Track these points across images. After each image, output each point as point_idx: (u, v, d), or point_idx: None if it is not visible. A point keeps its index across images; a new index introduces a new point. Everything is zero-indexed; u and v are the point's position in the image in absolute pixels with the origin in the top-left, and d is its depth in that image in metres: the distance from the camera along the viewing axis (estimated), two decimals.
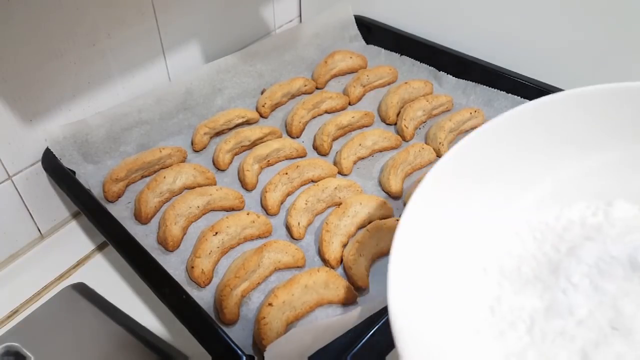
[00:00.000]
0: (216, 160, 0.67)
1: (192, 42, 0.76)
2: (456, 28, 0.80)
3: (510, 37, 0.74)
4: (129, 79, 0.69)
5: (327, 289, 0.50)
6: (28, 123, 0.59)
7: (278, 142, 0.68)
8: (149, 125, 0.68)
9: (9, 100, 0.56)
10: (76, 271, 0.62)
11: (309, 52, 0.85)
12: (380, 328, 0.41)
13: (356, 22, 0.89)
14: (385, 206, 0.59)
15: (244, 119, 0.72)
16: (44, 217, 0.65)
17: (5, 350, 0.46)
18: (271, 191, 0.62)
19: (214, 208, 0.61)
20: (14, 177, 0.60)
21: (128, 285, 0.59)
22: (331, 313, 0.51)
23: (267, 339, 0.46)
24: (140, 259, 0.50)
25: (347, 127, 0.73)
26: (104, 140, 0.64)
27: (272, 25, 0.91)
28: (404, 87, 0.77)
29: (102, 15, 0.61)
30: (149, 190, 0.60)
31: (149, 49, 0.70)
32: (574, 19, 0.67)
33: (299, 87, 0.79)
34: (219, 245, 0.55)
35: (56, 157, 0.60)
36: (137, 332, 0.50)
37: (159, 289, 0.48)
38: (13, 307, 0.57)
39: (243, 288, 0.52)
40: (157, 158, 0.64)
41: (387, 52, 0.87)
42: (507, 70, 0.74)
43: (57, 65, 0.59)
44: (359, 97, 0.80)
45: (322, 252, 0.55)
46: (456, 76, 0.80)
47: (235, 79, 0.77)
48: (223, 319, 0.49)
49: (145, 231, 0.59)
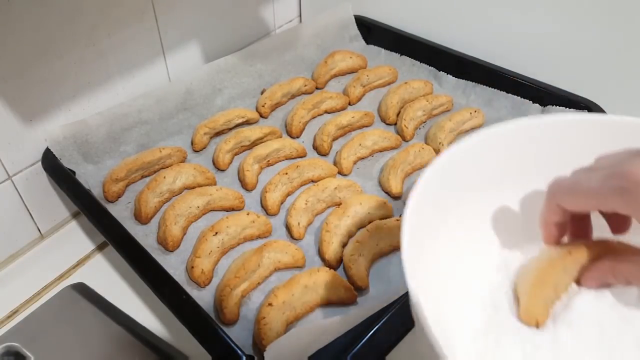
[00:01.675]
0: (216, 160, 0.67)
1: (192, 42, 0.76)
2: (456, 28, 0.80)
3: (510, 37, 0.74)
4: (129, 79, 0.69)
5: (327, 289, 0.50)
6: (28, 123, 0.59)
7: (278, 142, 0.68)
8: (149, 125, 0.68)
9: (9, 100, 0.56)
10: (76, 271, 0.62)
11: (309, 52, 0.85)
12: (380, 328, 0.41)
13: (356, 22, 0.89)
14: (385, 206, 0.59)
15: (244, 119, 0.72)
16: (44, 217, 0.65)
17: (5, 350, 0.46)
18: (271, 191, 0.62)
19: (214, 208, 0.61)
20: (14, 177, 0.60)
21: (128, 285, 0.59)
22: (331, 313, 0.51)
23: (267, 339, 0.46)
24: (140, 259, 0.50)
25: (347, 127, 0.73)
26: (104, 140, 0.64)
27: (272, 25, 0.91)
28: (404, 87, 0.77)
29: (102, 15, 0.61)
30: (149, 190, 0.60)
31: (149, 49, 0.70)
32: (574, 18, 0.67)
33: (299, 87, 0.79)
34: (219, 245, 0.55)
35: (56, 157, 0.60)
36: (137, 332, 0.50)
37: (159, 289, 0.48)
38: (13, 307, 0.57)
39: (243, 288, 0.52)
40: (157, 158, 0.64)
41: (387, 52, 0.87)
42: (507, 70, 0.74)
43: (57, 65, 0.59)
44: (359, 97, 0.80)
45: (322, 252, 0.55)
46: (456, 76, 0.80)
47: (235, 79, 0.77)
48: (223, 319, 0.49)
49: (145, 231, 0.59)
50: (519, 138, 0.35)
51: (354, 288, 0.52)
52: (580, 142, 0.35)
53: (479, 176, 0.35)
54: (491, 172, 0.35)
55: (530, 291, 0.32)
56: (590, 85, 0.68)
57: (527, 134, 0.36)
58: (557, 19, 0.69)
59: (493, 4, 0.74)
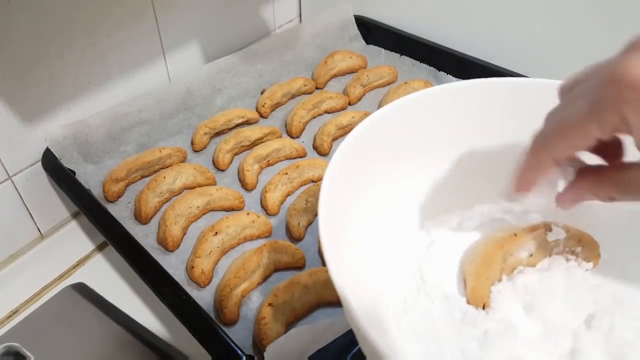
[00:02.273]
0: (216, 160, 0.67)
1: (192, 42, 0.76)
2: (456, 28, 0.80)
3: (510, 37, 0.74)
4: (129, 79, 0.69)
5: (327, 289, 0.50)
6: (28, 123, 0.59)
7: (278, 142, 0.68)
8: (149, 125, 0.68)
9: (9, 100, 0.56)
10: (76, 271, 0.62)
11: (309, 52, 0.85)
12: None
13: (356, 22, 0.89)
14: None
15: (244, 119, 0.72)
16: (44, 217, 0.65)
17: (5, 350, 0.46)
18: (271, 191, 0.62)
19: (214, 208, 0.61)
20: (14, 177, 0.60)
21: (128, 285, 0.59)
22: (331, 313, 0.51)
23: (267, 339, 0.46)
24: (140, 259, 0.50)
25: (347, 127, 0.73)
26: (104, 140, 0.64)
27: (272, 25, 0.91)
28: (404, 87, 0.77)
29: (102, 15, 0.61)
30: (149, 190, 0.60)
31: (149, 49, 0.70)
32: (574, 18, 0.67)
33: (299, 87, 0.79)
34: (219, 245, 0.55)
35: (56, 157, 0.60)
36: (137, 332, 0.50)
37: (159, 289, 0.48)
38: (13, 307, 0.57)
39: (243, 288, 0.52)
40: (157, 158, 0.64)
41: (387, 52, 0.87)
42: (507, 70, 0.74)
43: (57, 65, 0.59)
44: (359, 97, 0.80)
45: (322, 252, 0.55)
46: (456, 76, 0.79)
47: (235, 79, 0.77)
48: (223, 319, 0.49)
49: (145, 231, 0.59)
50: (425, 106, 0.36)
51: None
52: (491, 104, 0.36)
53: (394, 147, 0.36)
54: (405, 143, 0.36)
55: (475, 273, 0.33)
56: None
57: (432, 100, 0.36)
58: (557, 19, 0.69)
59: (493, 4, 0.74)
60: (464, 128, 0.36)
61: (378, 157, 0.34)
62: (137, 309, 0.55)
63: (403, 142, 0.36)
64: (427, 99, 0.35)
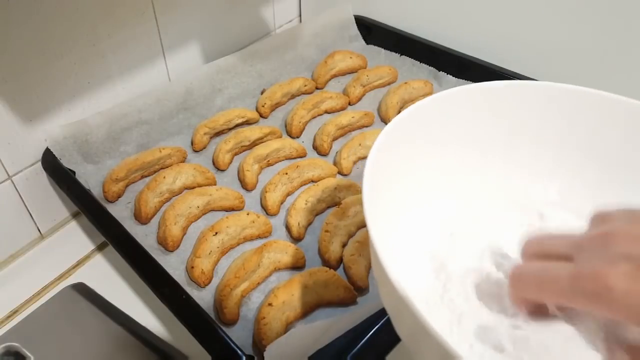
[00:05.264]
0: (216, 160, 0.67)
1: (192, 42, 0.76)
2: (456, 28, 0.80)
3: (510, 37, 0.74)
4: (129, 79, 0.69)
5: (327, 289, 0.50)
6: (28, 123, 0.59)
7: (278, 142, 0.68)
8: (149, 125, 0.68)
9: (9, 100, 0.56)
10: (76, 271, 0.62)
11: (309, 52, 0.85)
12: (380, 328, 0.41)
13: (356, 22, 0.89)
14: None
15: (244, 119, 0.72)
16: (44, 217, 0.65)
17: (5, 350, 0.46)
18: (271, 191, 0.62)
19: (214, 208, 0.61)
20: (13, 177, 0.60)
21: (128, 285, 0.59)
22: (331, 313, 0.51)
23: (267, 339, 0.46)
24: (140, 259, 0.50)
25: (347, 127, 0.73)
26: (104, 140, 0.64)
27: (272, 25, 0.91)
28: (404, 87, 0.77)
29: (102, 15, 0.61)
30: (149, 190, 0.60)
31: (149, 49, 0.70)
32: (574, 18, 0.67)
33: (299, 87, 0.79)
34: (219, 245, 0.55)
35: (56, 157, 0.60)
36: (137, 332, 0.50)
37: (159, 289, 0.48)
38: (13, 307, 0.57)
39: (243, 288, 0.52)
40: (157, 158, 0.64)
41: (387, 52, 0.87)
42: (507, 70, 0.74)
43: (57, 65, 0.59)
44: (359, 97, 0.80)
45: (322, 252, 0.55)
46: (456, 76, 0.79)
47: (235, 79, 0.77)
48: (223, 319, 0.49)
49: (145, 231, 0.59)
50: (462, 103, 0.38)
51: (354, 288, 0.52)
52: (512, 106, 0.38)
53: (427, 137, 0.37)
54: (437, 136, 0.38)
55: None
56: (590, 86, 0.68)
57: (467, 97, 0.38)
58: (557, 19, 0.69)
59: (493, 4, 0.74)
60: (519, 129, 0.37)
61: (429, 140, 0.35)
62: (137, 309, 0.55)
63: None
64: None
